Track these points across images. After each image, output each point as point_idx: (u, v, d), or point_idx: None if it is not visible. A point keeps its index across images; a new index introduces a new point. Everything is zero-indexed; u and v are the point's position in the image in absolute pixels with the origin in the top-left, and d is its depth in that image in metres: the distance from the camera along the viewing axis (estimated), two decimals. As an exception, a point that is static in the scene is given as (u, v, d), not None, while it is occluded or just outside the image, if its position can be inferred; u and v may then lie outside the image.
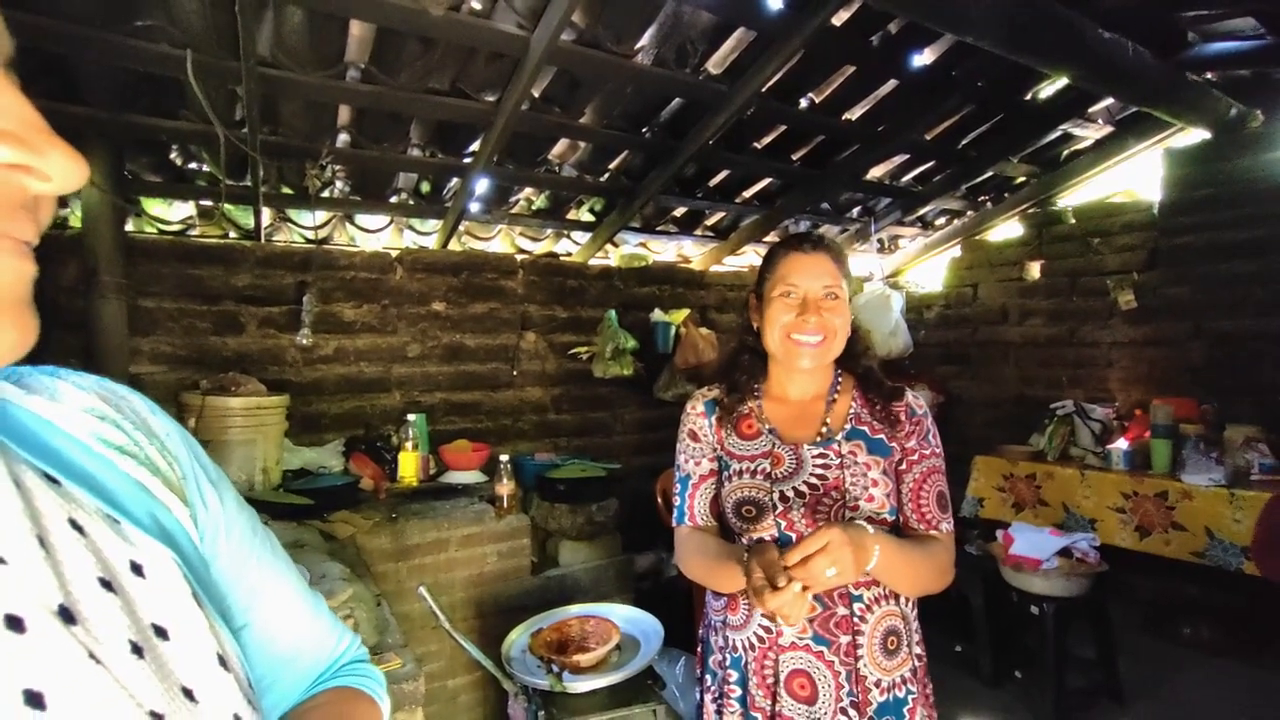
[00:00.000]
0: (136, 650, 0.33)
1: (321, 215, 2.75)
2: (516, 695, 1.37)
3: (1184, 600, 2.89)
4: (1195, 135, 3.08)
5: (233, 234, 2.68)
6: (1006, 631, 2.61)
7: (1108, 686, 2.46)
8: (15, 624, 0.29)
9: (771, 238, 3.81)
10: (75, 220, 2.31)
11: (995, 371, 3.85)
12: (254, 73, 1.86)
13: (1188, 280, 3.07)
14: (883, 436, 1.07)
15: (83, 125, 2.00)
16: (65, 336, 2.17)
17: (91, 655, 0.31)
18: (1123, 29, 2.14)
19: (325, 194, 2.66)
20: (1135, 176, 3.52)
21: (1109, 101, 3.08)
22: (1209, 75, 2.72)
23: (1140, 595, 2.97)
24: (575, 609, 1.56)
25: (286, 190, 2.61)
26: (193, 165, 2.48)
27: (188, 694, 0.34)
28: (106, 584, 0.34)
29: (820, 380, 1.12)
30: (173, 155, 2.43)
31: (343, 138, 2.44)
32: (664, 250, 3.75)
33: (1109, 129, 3.32)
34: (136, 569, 0.36)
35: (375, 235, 2.98)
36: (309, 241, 2.75)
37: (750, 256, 3.96)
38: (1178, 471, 2.58)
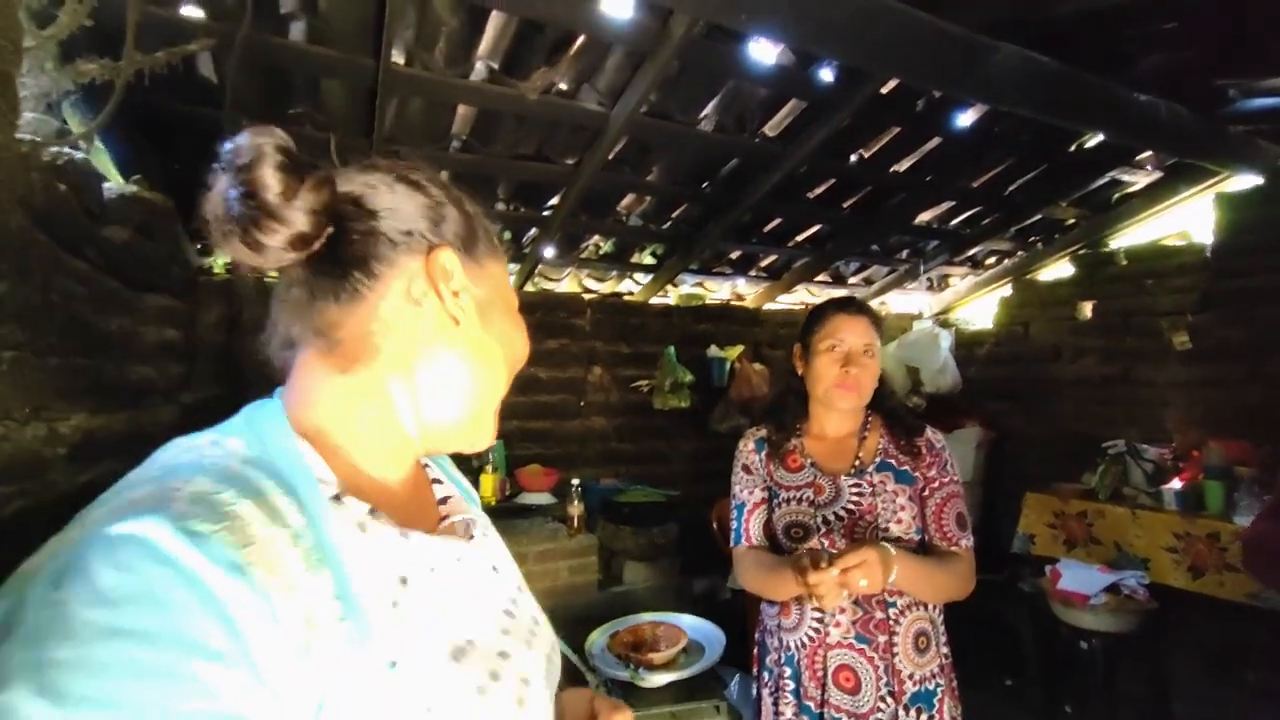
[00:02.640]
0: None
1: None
2: (598, 687, 1.59)
3: (1251, 645, 2.86)
4: (1248, 180, 3.13)
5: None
6: (1056, 667, 2.66)
7: (1162, 726, 2.47)
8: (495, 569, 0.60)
9: (822, 278, 4.01)
10: (219, 267, 2.73)
11: (1047, 409, 3.89)
12: (380, 150, 2.22)
13: (1243, 322, 3.09)
14: (907, 468, 1.27)
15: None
16: (209, 367, 2.56)
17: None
18: (1157, 91, 2.28)
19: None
20: (1188, 219, 3.56)
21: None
22: (1260, 125, 2.80)
23: (1202, 638, 2.95)
24: (648, 616, 1.77)
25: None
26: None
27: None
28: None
29: (853, 420, 1.34)
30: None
31: (441, 196, 2.79)
32: (719, 289, 3.99)
33: (1158, 174, 3.40)
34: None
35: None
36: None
37: (802, 294, 4.16)
38: (1231, 513, 2.60)
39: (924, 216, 3.58)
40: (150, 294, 1.91)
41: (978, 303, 4.50)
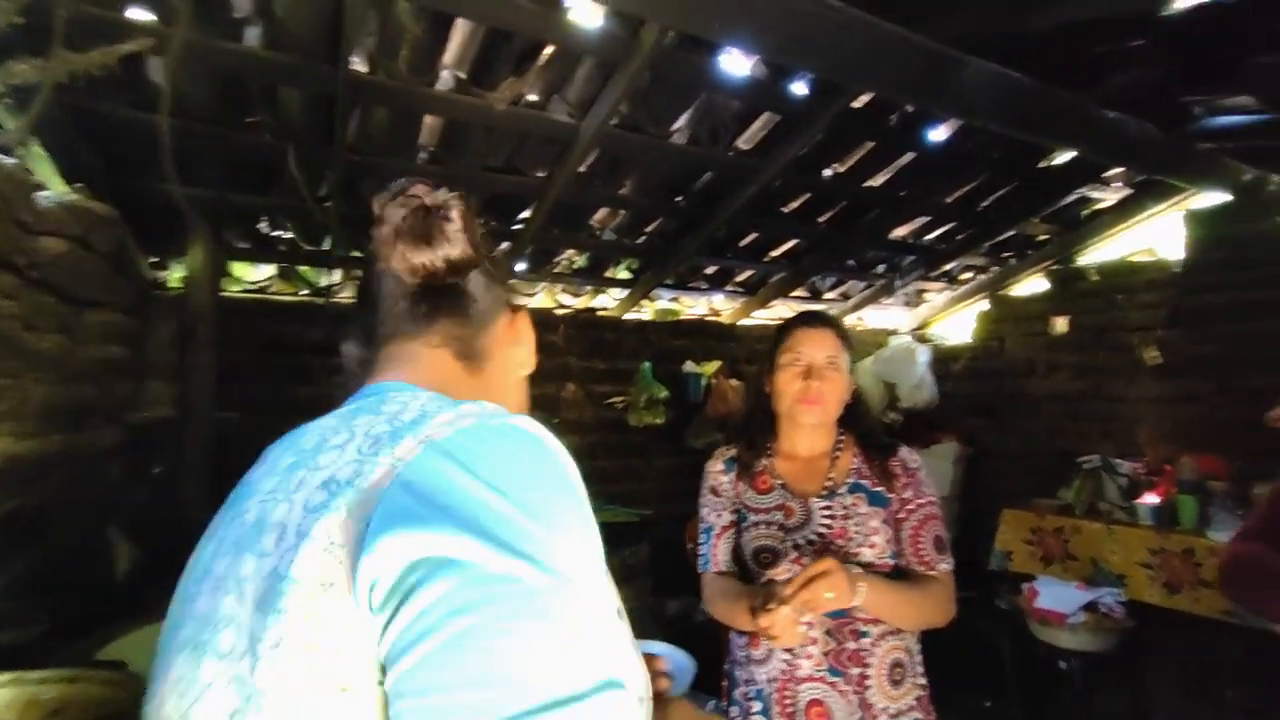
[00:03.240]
0: None
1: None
2: None
3: (1227, 662, 2.85)
4: (1215, 197, 3.18)
5: (304, 292, 2.98)
6: (1036, 687, 2.63)
7: (1142, 746, 2.45)
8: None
9: (799, 293, 3.99)
10: (174, 281, 2.63)
11: (1024, 425, 3.89)
12: (342, 159, 2.15)
13: (1212, 338, 3.13)
14: (881, 489, 1.22)
15: (193, 204, 2.30)
16: (162, 386, 2.44)
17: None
18: (1126, 108, 2.30)
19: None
20: (1156, 236, 3.61)
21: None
22: (1225, 144, 2.84)
23: (1179, 655, 2.94)
24: (614, 645, 1.70)
25: (357, 254, 2.90)
26: (276, 233, 2.79)
27: None
28: None
29: (824, 439, 1.29)
30: (260, 224, 2.74)
31: (409, 208, 2.72)
32: (695, 305, 3.95)
33: (1128, 191, 3.44)
34: None
35: (430, 292, 3.25)
36: (373, 299, 3.03)
37: (779, 309, 4.13)
38: (1204, 528, 2.60)
39: (899, 232, 3.58)
40: (92, 309, 1.80)
41: (954, 318, 4.52)
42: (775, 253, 3.59)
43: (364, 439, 0.51)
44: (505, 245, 3.04)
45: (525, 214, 2.82)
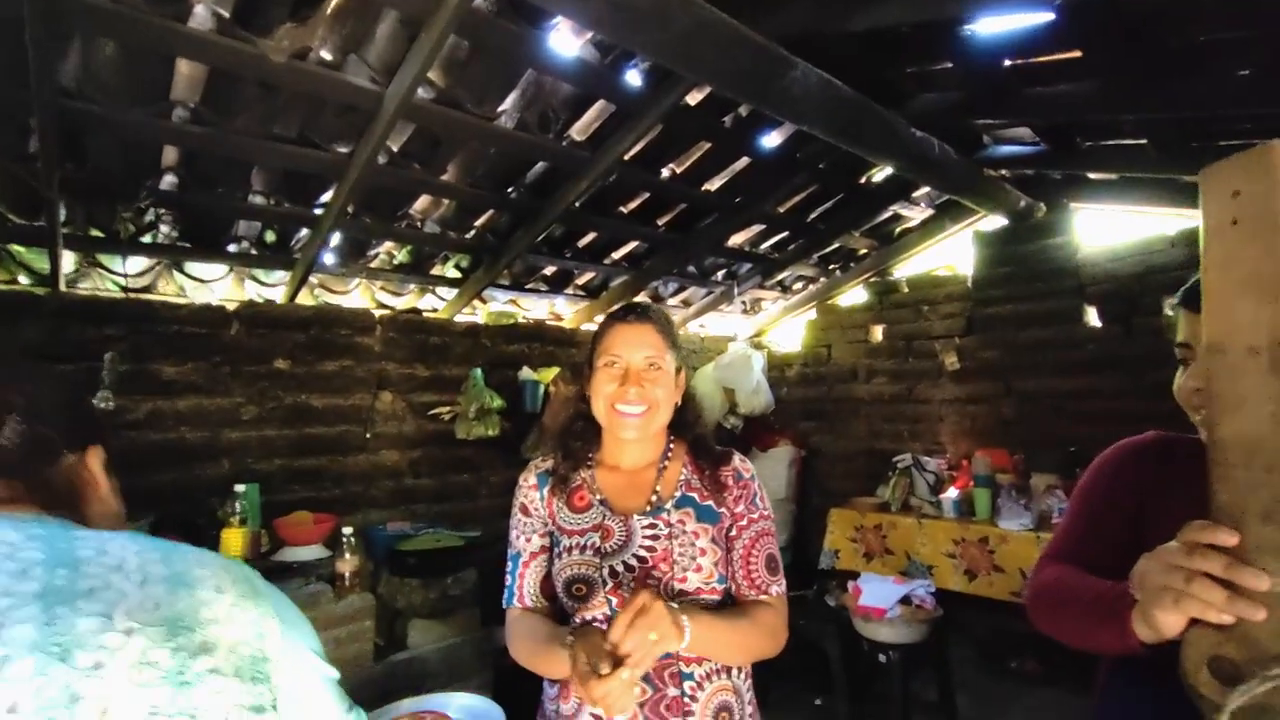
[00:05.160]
0: None
1: (141, 263, 2.46)
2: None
3: (1013, 636, 3.17)
4: (998, 220, 3.58)
5: (25, 279, 2.33)
6: (861, 681, 2.72)
7: (949, 726, 2.61)
8: None
9: (641, 298, 3.91)
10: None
11: (848, 427, 4.14)
12: (51, 105, 1.66)
13: (997, 345, 3.50)
14: (711, 503, 1.08)
15: None
16: None
17: None
18: (929, 129, 2.46)
19: (146, 239, 2.39)
20: (955, 253, 4.01)
21: (928, 188, 3.52)
22: (1004, 172, 3.20)
23: (976, 634, 3.22)
24: (407, 703, 1.41)
25: (96, 233, 2.32)
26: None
27: None
28: None
29: (652, 449, 1.13)
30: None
31: (169, 179, 2.22)
32: (535, 308, 3.73)
33: (930, 211, 3.78)
34: None
35: (211, 286, 2.71)
36: (123, 290, 2.44)
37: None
38: (996, 518, 2.86)
39: (736, 240, 3.63)
40: None
41: (787, 326, 4.72)
42: (616, 255, 3.48)
43: None
44: (304, 232, 2.61)
45: (327, 197, 2.43)
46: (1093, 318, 3.25)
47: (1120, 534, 0.87)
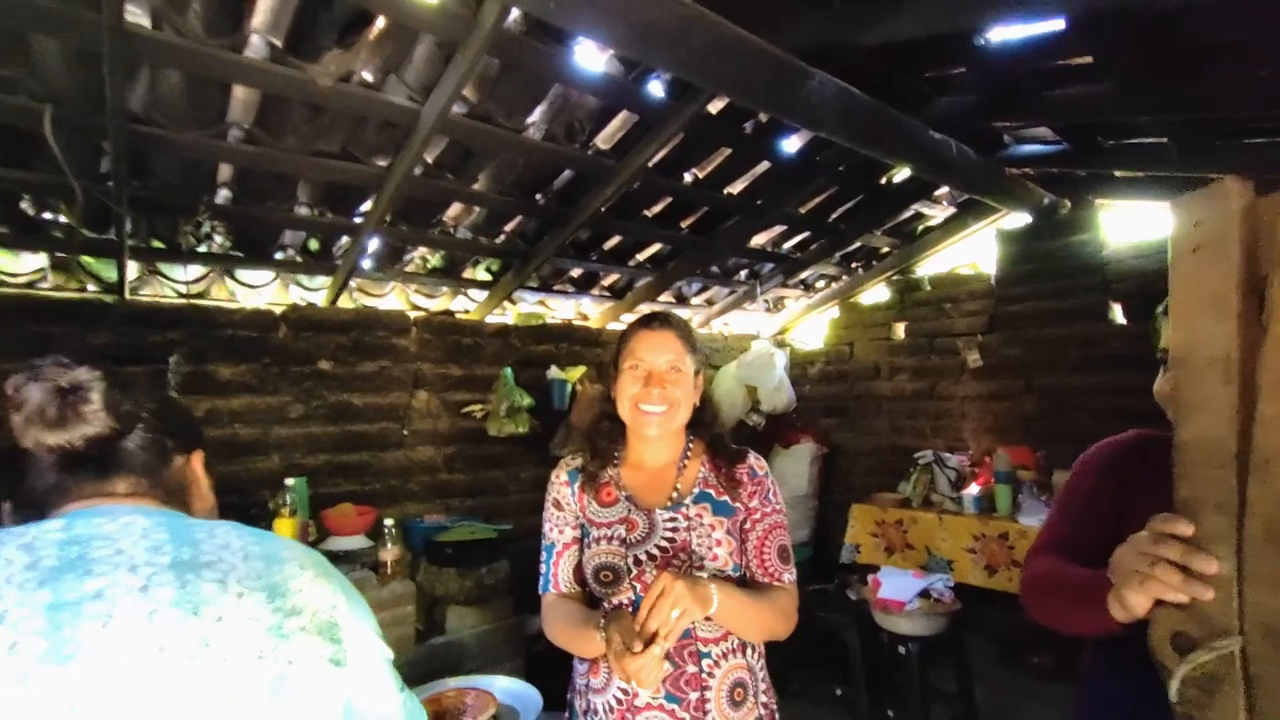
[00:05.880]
0: None
1: (196, 270, 2.64)
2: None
3: (1032, 631, 3.20)
4: (1021, 218, 3.59)
5: (93, 288, 2.51)
6: (880, 672, 2.78)
7: (967, 717, 2.66)
8: None
9: (666, 298, 4.01)
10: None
11: (871, 423, 4.18)
12: (123, 129, 1.81)
13: (1019, 342, 3.52)
14: (727, 498, 1.17)
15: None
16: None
17: None
18: (948, 130, 2.50)
19: (202, 249, 2.56)
20: (977, 251, 4.02)
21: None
22: (1027, 170, 3.21)
23: (995, 629, 3.26)
24: (454, 681, 1.54)
25: (157, 244, 2.49)
26: (47, 215, 2.32)
27: None
28: None
29: (672, 447, 1.23)
30: (24, 205, 2.27)
31: (224, 193, 2.38)
32: (562, 308, 3.84)
33: (952, 209, 3.80)
34: None
35: (259, 291, 2.88)
36: (181, 296, 2.62)
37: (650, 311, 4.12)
38: (1016, 514, 2.89)
39: (759, 240, 3.70)
40: None
41: (810, 324, 4.77)
42: (641, 257, 3.57)
43: None
44: (344, 239, 2.76)
45: (366, 206, 2.57)
46: (1118, 315, 3.25)
47: (1102, 526, 0.94)
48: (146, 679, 0.56)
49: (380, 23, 1.84)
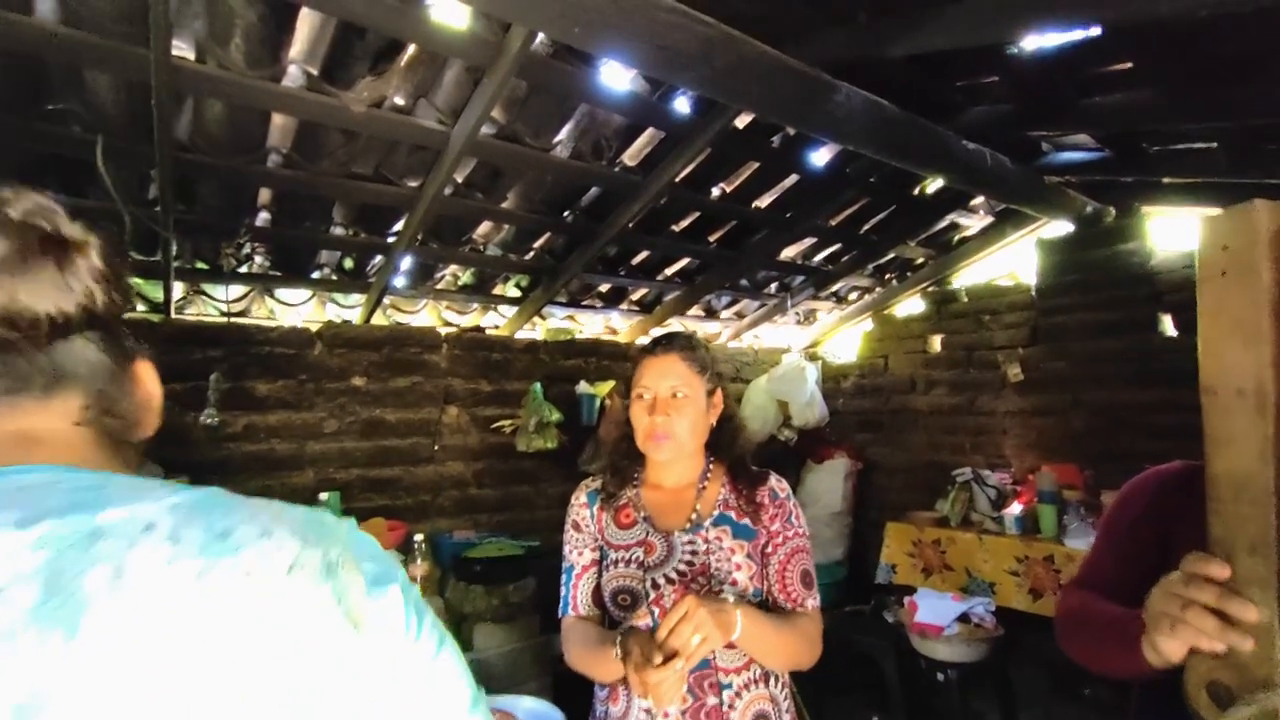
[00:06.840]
0: None
1: (237, 290, 2.73)
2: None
3: (1083, 659, 3.05)
4: (1062, 227, 3.47)
5: (141, 308, 2.62)
6: (919, 699, 2.68)
7: (1013, 750, 2.54)
8: None
9: (695, 312, 3.99)
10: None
11: (906, 439, 4.07)
12: (169, 157, 1.89)
13: (1065, 356, 3.38)
14: (748, 521, 1.15)
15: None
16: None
17: None
18: (982, 140, 2.44)
19: (243, 269, 2.65)
20: (1017, 261, 3.90)
21: (987, 197, 3.45)
22: (1069, 178, 3.11)
23: (1046, 656, 3.10)
24: (475, 700, 1.53)
25: (201, 265, 2.59)
26: (101, 240, 2.43)
27: None
28: None
29: (690, 469, 1.21)
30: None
31: (263, 216, 2.46)
32: (591, 324, 3.86)
33: (990, 219, 3.70)
34: None
35: (297, 309, 2.97)
36: (223, 314, 2.71)
37: (676, 328, 4.11)
38: (1062, 536, 2.77)
39: (789, 252, 3.66)
40: None
41: (843, 336, 4.68)
42: (669, 271, 3.57)
43: None
44: (378, 258, 2.82)
45: (399, 226, 2.63)
46: (1169, 327, 3.11)
47: (1146, 561, 0.89)
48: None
49: (411, 50, 1.89)
